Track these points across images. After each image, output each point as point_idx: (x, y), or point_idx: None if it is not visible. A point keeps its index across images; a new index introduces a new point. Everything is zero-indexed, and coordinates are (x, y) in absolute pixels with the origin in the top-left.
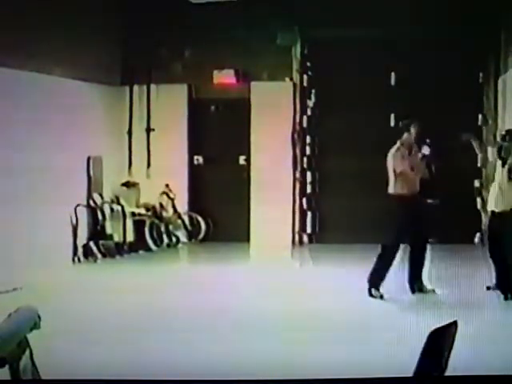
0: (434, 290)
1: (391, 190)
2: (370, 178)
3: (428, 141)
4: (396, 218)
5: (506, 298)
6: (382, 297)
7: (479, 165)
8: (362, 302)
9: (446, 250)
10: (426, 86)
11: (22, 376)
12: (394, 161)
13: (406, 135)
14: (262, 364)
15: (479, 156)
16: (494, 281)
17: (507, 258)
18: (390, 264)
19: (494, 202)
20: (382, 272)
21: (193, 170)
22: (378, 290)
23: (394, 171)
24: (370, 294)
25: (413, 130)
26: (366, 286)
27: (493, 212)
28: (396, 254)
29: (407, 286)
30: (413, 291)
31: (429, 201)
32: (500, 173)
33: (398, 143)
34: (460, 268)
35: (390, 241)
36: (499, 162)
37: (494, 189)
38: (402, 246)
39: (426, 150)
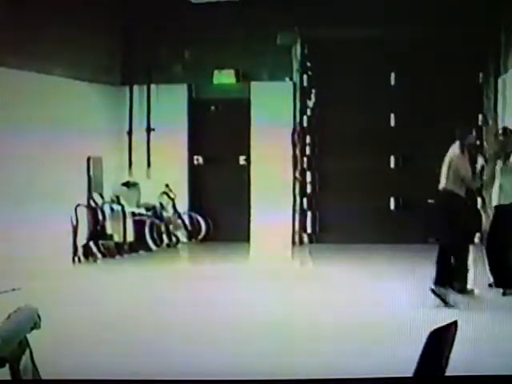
0: (473, 290)
1: (448, 186)
2: (369, 178)
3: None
4: (454, 215)
5: (504, 294)
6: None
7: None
8: (361, 301)
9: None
10: (426, 86)
11: (22, 376)
12: (460, 163)
13: (470, 137)
14: (262, 364)
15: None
16: (491, 279)
17: (506, 253)
18: (466, 259)
19: (496, 197)
20: (462, 267)
21: (193, 169)
22: (466, 283)
23: (458, 172)
24: (441, 300)
25: (474, 133)
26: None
27: (496, 207)
28: (468, 249)
29: (409, 284)
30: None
31: (429, 201)
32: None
33: (459, 144)
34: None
35: (456, 237)
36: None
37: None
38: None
39: (482, 162)
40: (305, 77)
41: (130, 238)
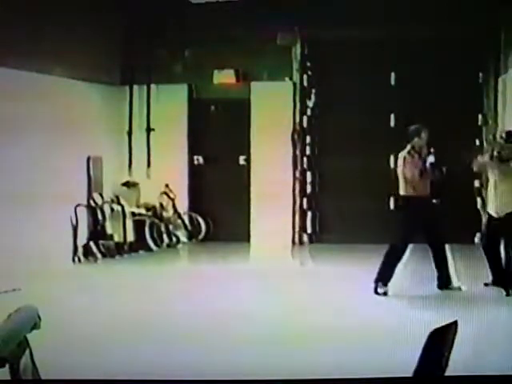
0: (460, 288)
1: (402, 191)
2: (369, 178)
3: (432, 150)
4: (407, 218)
5: (507, 294)
6: (385, 293)
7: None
8: (361, 301)
9: (446, 250)
10: (426, 86)
11: (22, 376)
12: (404, 166)
13: (416, 139)
14: (262, 364)
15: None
16: (490, 278)
17: (506, 254)
18: (397, 262)
19: (493, 204)
20: (389, 269)
21: (193, 170)
22: (385, 285)
23: (404, 175)
24: (376, 292)
25: (423, 135)
26: (373, 284)
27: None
28: (403, 253)
29: (409, 284)
30: (440, 288)
31: (433, 201)
32: (497, 174)
33: (409, 147)
34: (460, 268)
35: (399, 240)
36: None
37: (491, 191)
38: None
39: (431, 159)
40: (305, 77)
41: (130, 237)
